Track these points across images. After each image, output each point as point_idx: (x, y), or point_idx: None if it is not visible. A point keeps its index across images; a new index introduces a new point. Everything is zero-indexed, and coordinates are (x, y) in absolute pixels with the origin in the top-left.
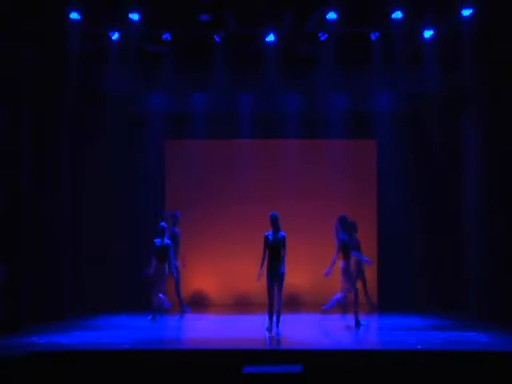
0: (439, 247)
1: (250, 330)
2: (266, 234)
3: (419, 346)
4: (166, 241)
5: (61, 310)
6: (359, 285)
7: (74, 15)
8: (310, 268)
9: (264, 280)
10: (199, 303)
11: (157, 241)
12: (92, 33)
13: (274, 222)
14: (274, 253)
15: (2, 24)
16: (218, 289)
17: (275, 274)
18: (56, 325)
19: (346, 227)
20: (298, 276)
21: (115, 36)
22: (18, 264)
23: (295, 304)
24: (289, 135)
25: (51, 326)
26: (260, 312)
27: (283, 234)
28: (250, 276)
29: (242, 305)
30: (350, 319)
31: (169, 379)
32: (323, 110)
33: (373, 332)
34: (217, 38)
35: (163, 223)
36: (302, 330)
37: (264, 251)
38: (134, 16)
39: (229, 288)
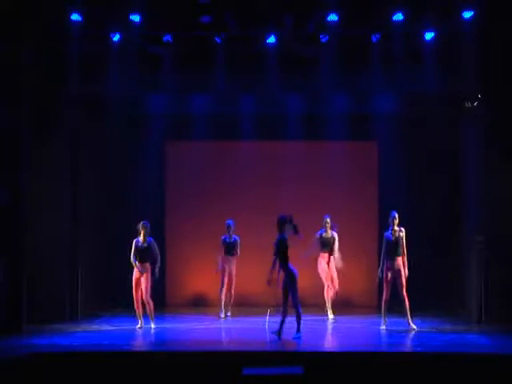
0: (440, 249)
1: (250, 331)
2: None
3: (420, 348)
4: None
5: (61, 310)
6: None
7: (75, 16)
8: (311, 270)
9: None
10: (199, 304)
11: (137, 240)
12: (93, 34)
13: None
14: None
15: (3, 24)
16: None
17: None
18: (56, 326)
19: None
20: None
21: (116, 37)
22: (19, 265)
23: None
24: (290, 137)
25: (52, 327)
26: (261, 313)
27: (278, 237)
28: (251, 277)
29: (242, 306)
30: (352, 321)
31: (169, 380)
32: (324, 112)
33: (373, 334)
34: (218, 40)
35: (145, 222)
36: (303, 332)
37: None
38: (135, 17)
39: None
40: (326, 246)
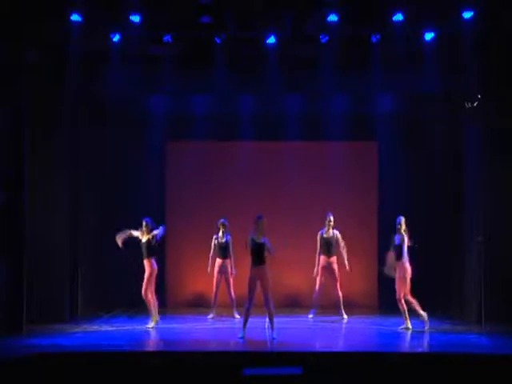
0: (440, 249)
1: (250, 331)
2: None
3: (420, 349)
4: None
5: (61, 310)
6: None
7: (75, 16)
8: (311, 270)
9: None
10: (199, 304)
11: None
12: (93, 34)
13: (260, 226)
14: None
15: (3, 24)
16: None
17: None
18: (57, 326)
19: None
20: (298, 278)
21: (116, 37)
22: (20, 265)
23: (295, 306)
24: (290, 137)
25: (52, 326)
26: (261, 313)
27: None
28: None
29: (242, 306)
30: (352, 321)
31: (169, 381)
32: (324, 112)
33: (373, 334)
34: (218, 40)
35: (147, 219)
36: (303, 332)
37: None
38: (135, 18)
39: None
40: (327, 246)
